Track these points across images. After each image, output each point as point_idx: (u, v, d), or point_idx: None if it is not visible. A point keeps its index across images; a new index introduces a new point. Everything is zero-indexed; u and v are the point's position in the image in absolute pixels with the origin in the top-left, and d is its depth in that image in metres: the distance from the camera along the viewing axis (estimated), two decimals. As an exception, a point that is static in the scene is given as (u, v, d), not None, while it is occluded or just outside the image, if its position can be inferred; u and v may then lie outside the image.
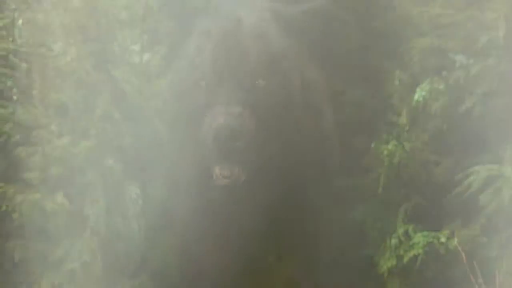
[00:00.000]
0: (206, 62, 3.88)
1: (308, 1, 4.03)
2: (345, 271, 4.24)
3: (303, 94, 3.97)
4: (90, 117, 4.54)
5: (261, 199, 3.97)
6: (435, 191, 4.05)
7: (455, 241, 3.90)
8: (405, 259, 4.03)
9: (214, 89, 3.83)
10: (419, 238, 4.00)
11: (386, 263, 4.08)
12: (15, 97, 4.62)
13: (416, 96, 4.03)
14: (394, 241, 4.07)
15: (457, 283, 3.94)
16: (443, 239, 3.95)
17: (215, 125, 3.71)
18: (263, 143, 3.84)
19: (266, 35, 3.94)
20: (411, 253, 4.01)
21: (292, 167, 3.96)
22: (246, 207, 3.98)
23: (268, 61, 3.89)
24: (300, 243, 4.13)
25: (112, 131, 4.55)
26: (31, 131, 4.52)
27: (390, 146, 4.12)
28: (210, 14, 4.00)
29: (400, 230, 4.08)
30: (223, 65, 3.85)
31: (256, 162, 3.84)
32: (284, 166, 3.94)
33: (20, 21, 4.69)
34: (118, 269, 4.58)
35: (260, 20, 3.96)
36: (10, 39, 4.68)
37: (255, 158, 3.82)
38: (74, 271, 4.45)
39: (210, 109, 3.79)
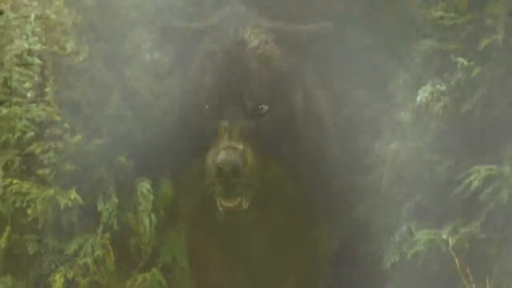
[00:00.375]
0: (209, 85, 3.90)
1: (311, 21, 4.05)
2: (350, 267, 4.33)
3: (306, 112, 3.99)
4: (102, 115, 4.60)
5: (266, 221, 4.05)
6: (436, 190, 4.06)
7: (451, 240, 3.93)
8: (408, 256, 4.06)
9: (217, 114, 3.86)
10: (421, 235, 4.02)
11: (390, 259, 4.11)
12: (29, 95, 4.66)
13: (418, 98, 4.05)
14: (397, 238, 4.10)
15: (458, 279, 4.00)
16: (444, 237, 4.00)
17: (218, 161, 3.73)
18: (266, 170, 3.89)
19: (269, 57, 3.94)
20: (414, 250, 4.04)
21: (295, 187, 4.01)
22: (250, 228, 4.06)
23: (271, 85, 3.90)
24: (302, 259, 4.22)
25: (123, 128, 4.62)
26: (45, 128, 4.58)
27: (393, 146, 4.14)
28: (212, 34, 4.00)
29: (403, 228, 4.10)
30: (226, 89, 3.86)
31: (258, 189, 3.88)
32: (287, 187, 4.00)
33: (32, 19, 4.74)
34: (129, 263, 4.67)
35: (263, 42, 3.96)
36: (24, 37, 4.73)
37: (258, 185, 3.87)
38: (87, 265, 4.53)
39: (214, 139, 3.83)
